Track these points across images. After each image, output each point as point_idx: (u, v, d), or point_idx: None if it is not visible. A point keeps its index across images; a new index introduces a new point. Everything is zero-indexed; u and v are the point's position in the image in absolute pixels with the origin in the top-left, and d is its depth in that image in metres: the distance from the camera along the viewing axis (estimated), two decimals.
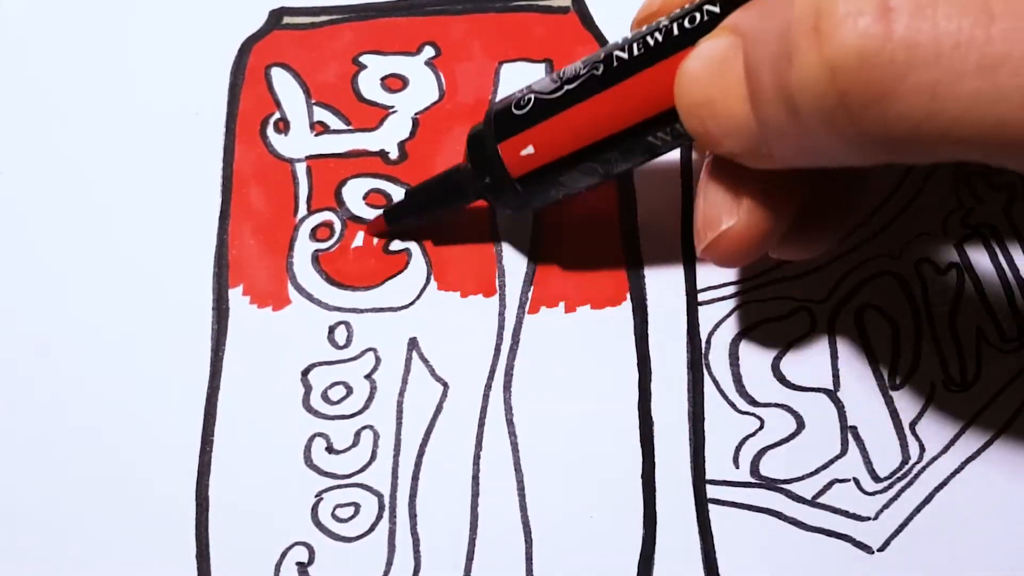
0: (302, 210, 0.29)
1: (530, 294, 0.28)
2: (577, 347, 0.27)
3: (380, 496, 0.26)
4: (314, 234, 0.29)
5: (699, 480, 0.26)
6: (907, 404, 0.27)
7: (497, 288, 0.28)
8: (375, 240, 0.28)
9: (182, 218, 0.29)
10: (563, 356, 0.27)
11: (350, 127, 0.30)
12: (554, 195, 0.25)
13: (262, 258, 0.28)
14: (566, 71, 0.23)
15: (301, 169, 0.29)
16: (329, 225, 0.29)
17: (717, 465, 0.26)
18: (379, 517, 0.26)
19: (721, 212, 0.22)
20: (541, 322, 0.28)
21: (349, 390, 0.27)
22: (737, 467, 0.26)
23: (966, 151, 0.17)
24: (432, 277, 0.28)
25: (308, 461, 0.27)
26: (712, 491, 0.26)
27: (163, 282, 0.28)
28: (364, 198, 0.29)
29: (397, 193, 0.29)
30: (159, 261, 0.28)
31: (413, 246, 0.28)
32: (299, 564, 0.26)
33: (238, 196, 0.29)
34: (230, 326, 0.28)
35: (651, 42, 0.22)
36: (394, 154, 0.30)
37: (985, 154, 0.17)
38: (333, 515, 0.26)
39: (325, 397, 0.27)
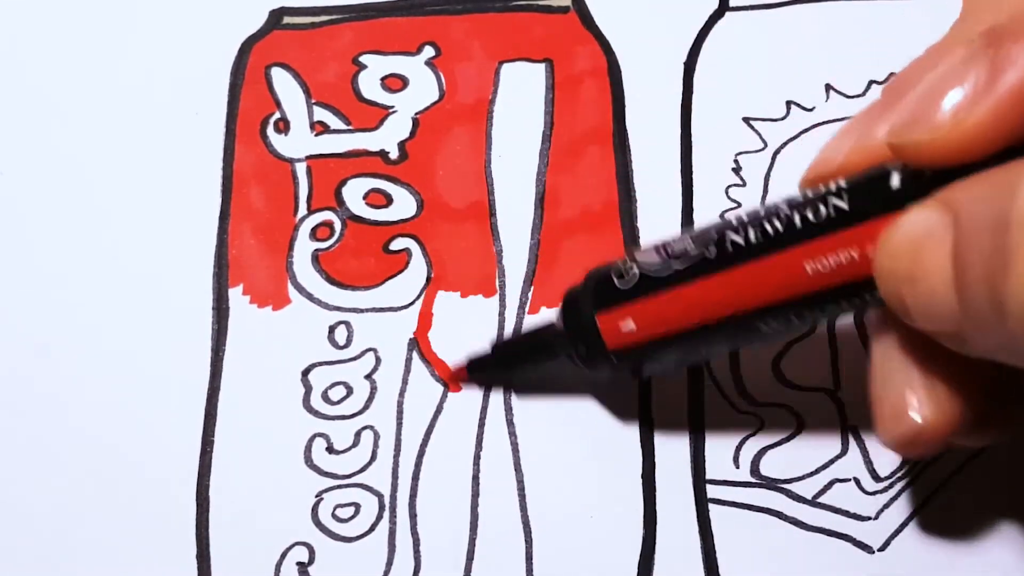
0: (302, 210, 0.29)
1: (530, 294, 0.28)
2: None
3: (380, 496, 0.26)
4: (314, 234, 0.29)
5: (699, 480, 0.26)
6: None
7: (497, 288, 0.28)
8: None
9: (182, 218, 0.29)
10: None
11: (350, 127, 0.30)
12: (648, 369, 0.24)
13: (262, 258, 0.28)
14: (674, 246, 0.22)
15: (301, 169, 0.29)
16: (329, 225, 0.29)
17: (717, 465, 0.26)
18: (379, 517, 0.26)
19: (909, 400, 0.20)
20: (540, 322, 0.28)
21: (349, 390, 0.27)
22: (737, 467, 0.26)
23: None
24: (432, 278, 0.28)
25: (308, 461, 0.27)
26: (712, 491, 0.26)
27: (163, 282, 0.28)
28: (364, 198, 0.29)
29: (397, 193, 0.29)
30: (159, 261, 0.28)
31: (413, 245, 0.29)
32: (299, 564, 0.26)
33: (238, 196, 0.29)
34: (230, 326, 0.28)
35: (770, 230, 0.21)
36: (394, 154, 0.30)
37: None
38: (333, 515, 0.26)
39: (325, 397, 0.27)
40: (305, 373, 0.27)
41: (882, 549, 0.26)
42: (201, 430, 0.27)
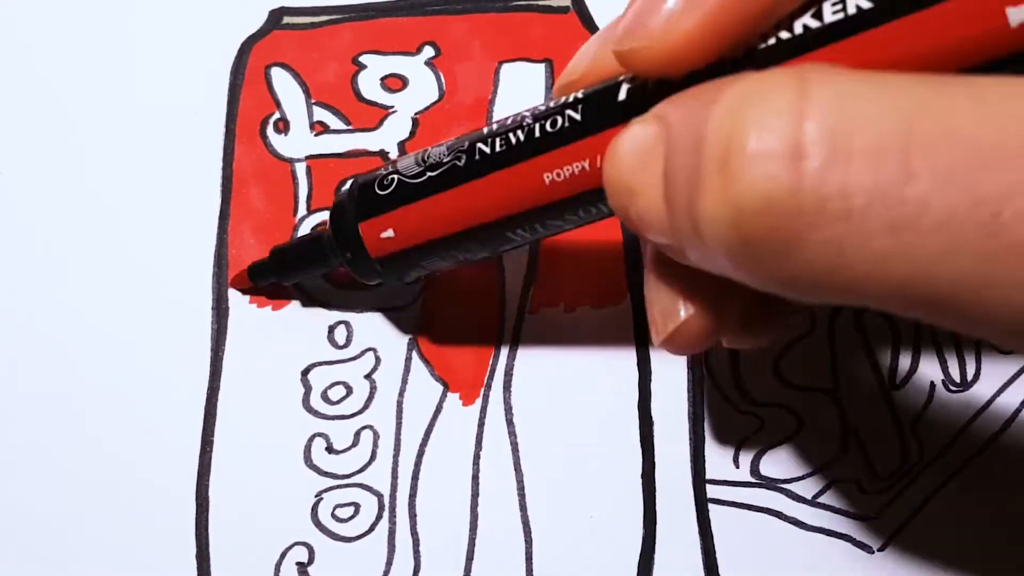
0: (302, 209, 0.29)
1: (530, 294, 0.28)
2: (577, 347, 0.27)
3: (380, 496, 0.26)
4: None
5: (699, 480, 0.26)
6: (907, 404, 0.27)
7: (497, 288, 0.28)
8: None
9: (182, 218, 0.29)
10: (563, 356, 0.27)
11: (350, 127, 0.30)
12: (414, 275, 0.25)
13: (262, 257, 0.28)
14: (431, 154, 0.23)
15: (301, 169, 0.29)
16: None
17: (717, 465, 0.27)
18: (379, 517, 0.26)
19: (675, 304, 0.21)
20: (541, 322, 0.28)
21: (349, 390, 0.27)
22: (737, 467, 0.26)
23: (872, 303, 0.16)
24: (432, 277, 0.28)
25: (308, 461, 0.27)
26: (712, 491, 0.26)
27: (163, 282, 0.28)
28: None
29: None
30: (159, 261, 0.28)
31: None
32: (299, 564, 0.26)
33: (238, 196, 0.29)
34: (230, 326, 0.28)
35: (512, 140, 0.21)
36: (394, 154, 0.29)
37: (892, 308, 0.16)
38: (333, 515, 0.26)
39: (325, 397, 0.27)
40: (305, 373, 0.27)
41: (882, 549, 0.26)
42: (201, 430, 0.27)
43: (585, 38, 0.30)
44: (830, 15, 0.18)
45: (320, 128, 0.30)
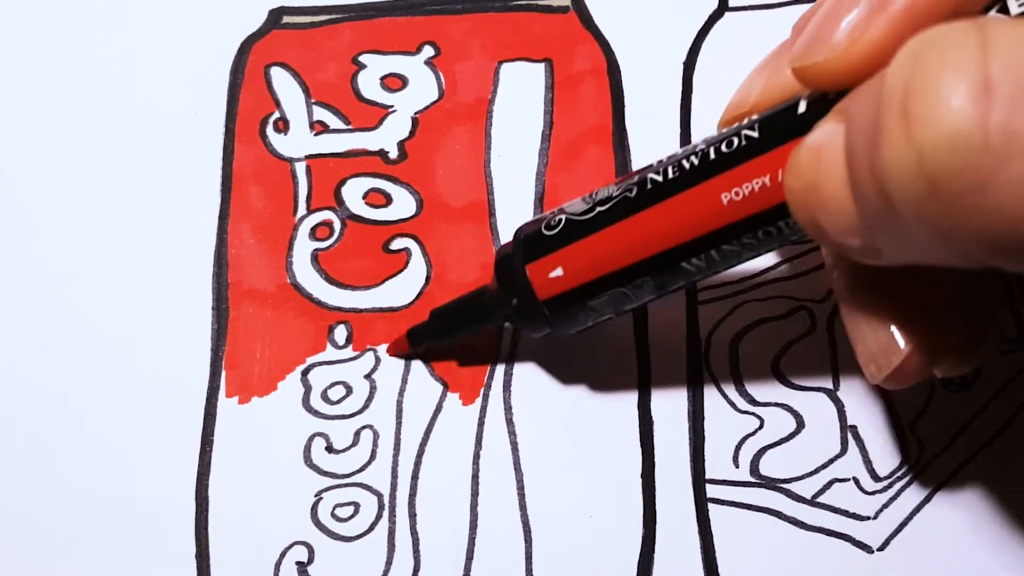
0: (301, 209, 0.29)
1: None
2: (576, 347, 0.27)
3: (380, 495, 0.26)
4: (314, 233, 0.29)
5: (699, 479, 0.26)
6: (907, 404, 0.27)
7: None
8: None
9: (181, 217, 0.29)
10: (562, 356, 0.27)
11: (349, 127, 0.30)
12: (583, 320, 0.24)
13: (261, 257, 0.28)
14: (599, 193, 0.23)
15: (300, 168, 0.29)
16: (329, 224, 0.29)
17: (717, 464, 0.27)
18: (379, 516, 0.26)
19: (891, 339, 0.21)
20: None
21: (349, 390, 0.27)
22: (737, 466, 0.26)
23: None
24: (432, 277, 0.28)
25: (308, 461, 0.27)
26: (712, 490, 0.26)
27: (163, 281, 0.28)
28: (364, 197, 0.29)
29: (397, 193, 0.29)
30: (159, 260, 0.28)
31: (413, 245, 0.29)
32: (299, 563, 0.26)
33: (237, 195, 0.29)
34: (230, 326, 0.28)
35: (687, 166, 0.21)
36: (394, 153, 0.30)
37: None
38: (333, 514, 0.26)
39: (325, 397, 0.27)
40: (305, 373, 0.27)
41: (881, 549, 0.26)
42: (201, 430, 0.27)
43: (585, 38, 0.30)
44: (1016, 8, 0.17)
45: (320, 128, 0.30)
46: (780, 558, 0.26)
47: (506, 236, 0.29)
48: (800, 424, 0.27)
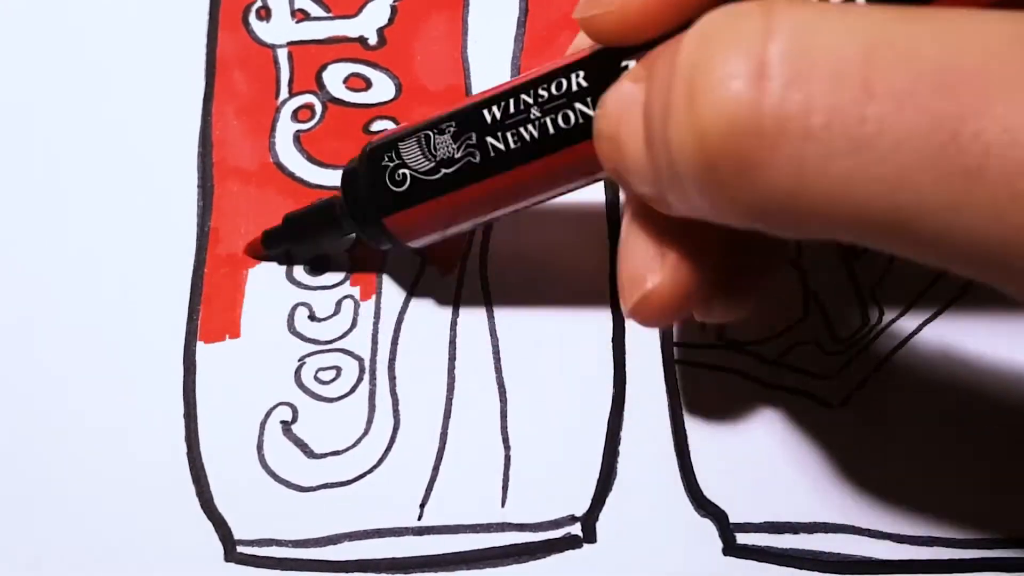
0: (283, 93, 0.30)
1: None
2: (551, 220, 0.28)
3: (360, 360, 0.27)
4: (296, 115, 0.30)
5: (667, 343, 0.27)
6: (867, 271, 0.28)
7: None
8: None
9: (167, 100, 0.30)
10: (537, 229, 0.28)
11: (330, 14, 0.31)
12: (435, 241, 0.25)
13: (245, 137, 0.29)
14: (439, 148, 0.23)
15: (283, 55, 0.30)
16: (310, 107, 0.30)
17: (684, 329, 0.28)
18: (359, 379, 0.27)
19: (645, 269, 0.21)
20: None
21: (330, 262, 0.28)
22: (703, 330, 0.28)
23: (836, 231, 0.16)
24: None
25: (291, 328, 0.28)
26: (679, 353, 0.27)
27: (149, 162, 0.29)
28: (344, 82, 0.30)
29: (376, 77, 0.30)
30: (144, 141, 0.29)
31: (393, 127, 0.29)
32: (283, 423, 0.27)
33: (221, 80, 0.30)
34: (215, 202, 0.29)
35: (527, 137, 0.22)
36: (373, 40, 0.30)
37: (856, 236, 0.16)
38: (315, 377, 0.27)
39: (307, 269, 0.28)
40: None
41: (843, 404, 0.27)
42: (188, 299, 0.28)
43: None
44: None
45: (301, 16, 0.31)
46: (743, 414, 0.27)
47: None
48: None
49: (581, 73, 0.21)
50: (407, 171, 0.24)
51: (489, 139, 0.22)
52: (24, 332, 0.28)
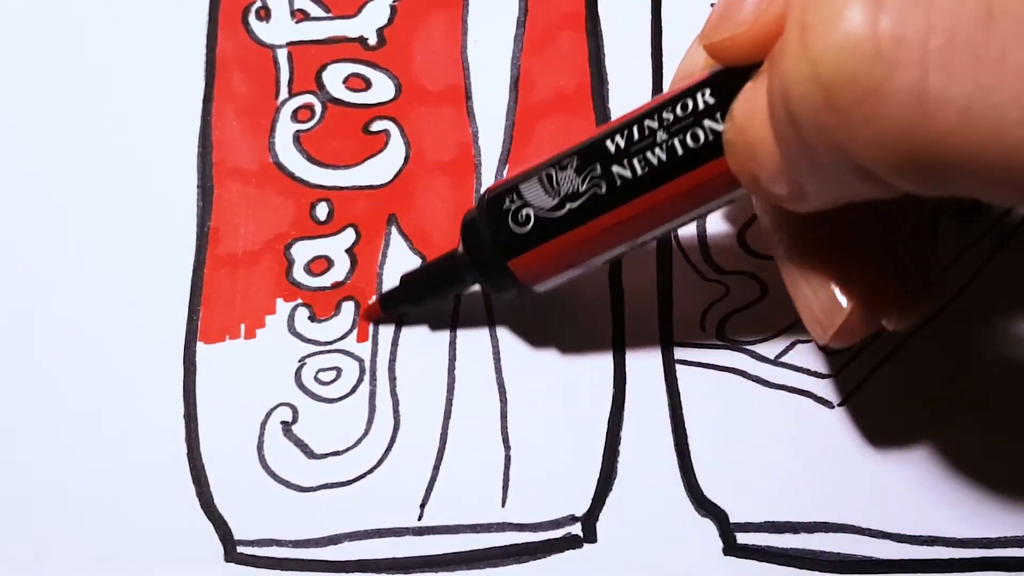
0: (283, 93, 0.30)
1: (505, 172, 0.29)
2: None
3: (361, 361, 0.27)
4: (295, 115, 0.30)
5: (667, 342, 0.27)
6: None
7: (474, 167, 0.29)
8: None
9: (167, 101, 0.30)
10: None
11: (330, 14, 0.31)
12: (562, 283, 0.25)
13: (244, 138, 0.29)
14: (562, 184, 0.23)
15: (282, 55, 0.30)
16: (310, 107, 0.30)
17: (684, 329, 0.28)
18: (360, 380, 0.27)
19: (834, 299, 0.21)
20: None
21: (330, 263, 0.28)
22: (703, 330, 0.28)
23: (961, 173, 0.15)
24: (410, 157, 0.29)
25: (291, 329, 0.28)
26: (679, 353, 0.27)
27: (149, 162, 0.29)
28: (344, 82, 0.30)
29: (376, 77, 0.30)
30: (145, 142, 0.29)
31: (392, 127, 0.29)
32: (283, 423, 0.27)
33: (221, 80, 0.30)
34: (215, 203, 0.29)
35: (655, 161, 0.21)
36: (373, 40, 0.30)
37: (978, 178, 0.15)
38: (316, 378, 0.27)
39: (307, 270, 0.28)
40: (287, 247, 0.28)
41: (842, 404, 0.27)
42: (188, 300, 0.28)
43: None
44: None
45: (301, 16, 0.31)
46: (743, 413, 0.27)
47: (481, 119, 0.30)
48: (764, 291, 0.28)
49: (707, 91, 0.20)
50: (530, 211, 0.23)
51: (615, 168, 0.22)
52: (24, 333, 0.28)
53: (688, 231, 0.28)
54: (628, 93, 0.30)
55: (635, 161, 0.21)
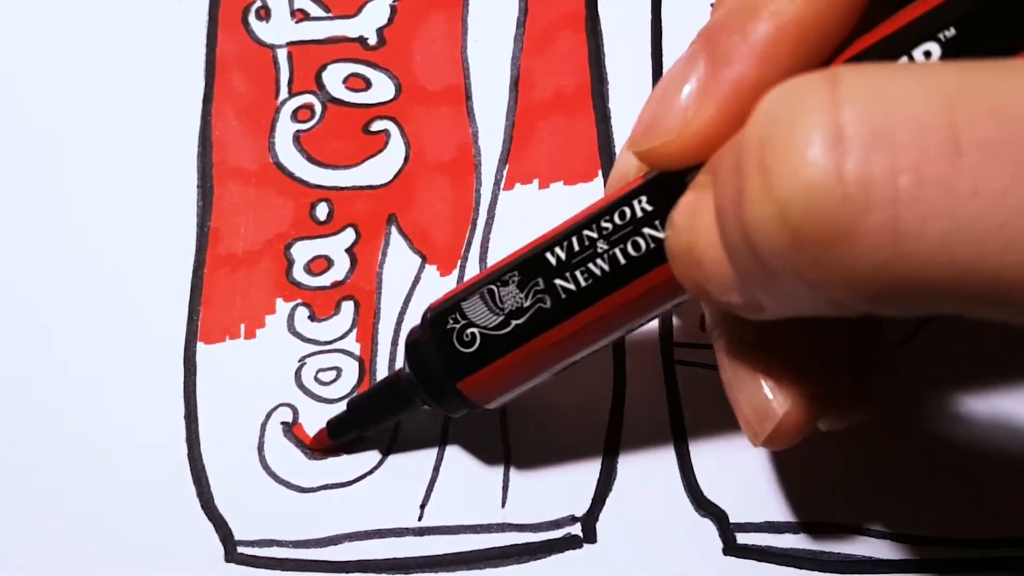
0: (283, 93, 0.30)
1: (505, 172, 0.29)
2: (550, 222, 0.28)
3: (361, 361, 0.27)
4: (295, 115, 0.30)
5: (666, 343, 0.27)
6: None
7: (474, 167, 0.29)
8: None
9: (167, 101, 0.30)
10: (536, 231, 0.28)
11: (329, 14, 0.31)
12: (513, 398, 0.24)
13: (244, 138, 0.29)
14: (505, 300, 0.22)
15: (282, 55, 0.30)
16: (310, 107, 0.30)
17: (684, 329, 0.28)
18: (360, 380, 0.27)
19: (766, 403, 0.21)
20: (515, 198, 0.29)
21: (330, 263, 0.28)
22: (703, 330, 0.27)
23: (940, 301, 0.15)
24: (410, 157, 0.29)
25: (291, 328, 0.28)
26: (679, 353, 0.27)
27: (149, 162, 0.29)
28: (344, 82, 0.30)
29: (376, 77, 0.30)
30: (145, 141, 0.29)
31: (392, 127, 0.29)
32: (284, 424, 0.27)
33: (221, 80, 0.30)
34: (215, 203, 0.29)
35: (597, 272, 0.21)
36: (373, 40, 0.30)
37: (962, 304, 0.15)
38: (316, 378, 0.27)
39: (307, 270, 0.28)
40: (288, 247, 0.28)
41: None
42: (188, 300, 0.28)
43: None
44: (920, 57, 0.17)
45: (300, 16, 0.31)
46: None
47: (481, 119, 0.30)
48: None
49: (643, 198, 0.20)
50: (475, 330, 0.22)
51: (558, 281, 0.21)
52: (24, 333, 0.28)
53: None
54: (628, 93, 0.30)
55: (578, 273, 0.21)
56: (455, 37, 0.30)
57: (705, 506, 0.26)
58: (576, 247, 0.21)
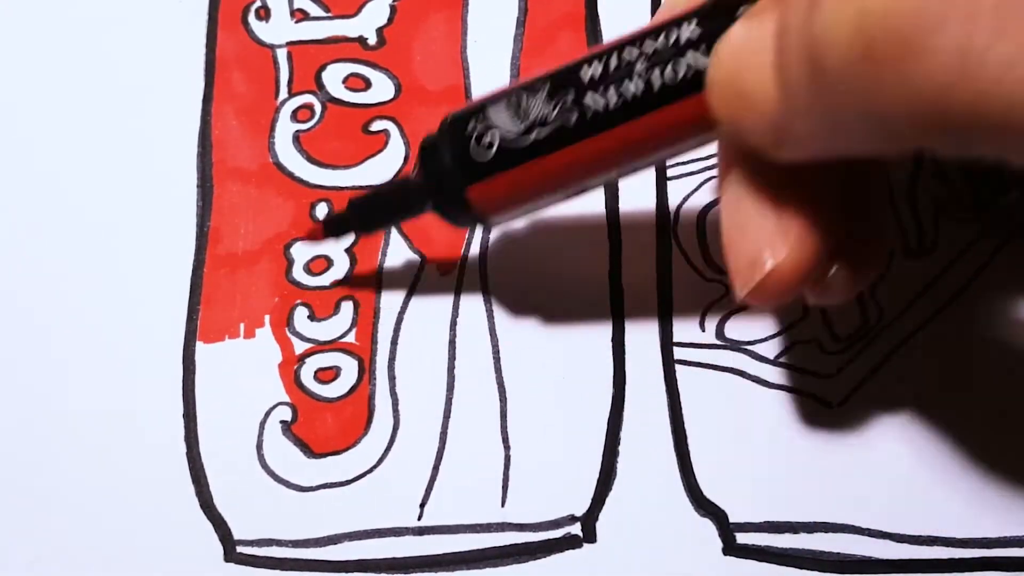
0: (283, 93, 0.30)
1: None
2: (550, 221, 0.28)
3: (360, 360, 0.27)
4: (295, 115, 0.30)
5: (666, 343, 0.27)
6: None
7: None
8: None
9: (167, 101, 0.30)
10: (536, 230, 0.28)
11: (329, 14, 0.31)
12: (518, 217, 0.24)
13: (244, 138, 0.29)
14: (531, 110, 0.21)
15: (282, 54, 0.30)
16: (310, 107, 0.30)
17: (684, 329, 0.28)
18: (359, 379, 0.27)
19: (764, 246, 0.20)
20: None
21: (330, 263, 0.28)
22: (703, 330, 0.28)
23: (992, 134, 0.15)
24: (410, 157, 0.29)
25: (291, 328, 0.28)
26: (679, 353, 0.27)
27: (149, 162, 0.29)
28: (343, 82, 0.30)
29: (375, 77, 0.30)
30: (145, 142, 0.29)
31: (392, 127, 0.29)
32: (283, 423, 0.27)
33: (221, 80, 0.30)
34: (215, 202, 0.29)
35: (628, 96, 0.20)
36: (372, 39, 0.30)
37: (1010, 139, 0.15)
38: (315, 377, 0.27)
39: (307, 269, 0.28)
40: (287, 247, 0.28)
41: (841, 404, 0.27)
42: (187, 299, 0.28)
43: None
44: None
45: (300, 15, 0.31)
46: (743, 414, 0.27)
47: None
48: None
49: (694, 21, 0.19)
50: (494, 135, 0.22)
51: (587, 97, 0.21)
52: (24, 332, 0.28)
53: (688, 231, 0.28)
54: None
55: (610, 91, 0.20)
56: (455, 37, 0.30)
57: (705, 506, 0.26)
58: (613, 65, 0.20)
